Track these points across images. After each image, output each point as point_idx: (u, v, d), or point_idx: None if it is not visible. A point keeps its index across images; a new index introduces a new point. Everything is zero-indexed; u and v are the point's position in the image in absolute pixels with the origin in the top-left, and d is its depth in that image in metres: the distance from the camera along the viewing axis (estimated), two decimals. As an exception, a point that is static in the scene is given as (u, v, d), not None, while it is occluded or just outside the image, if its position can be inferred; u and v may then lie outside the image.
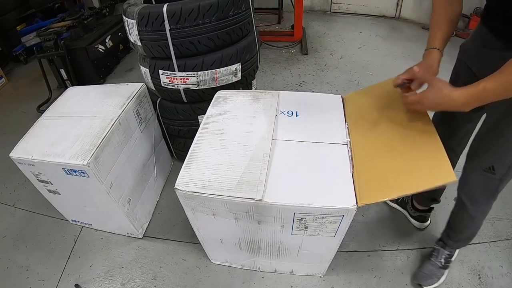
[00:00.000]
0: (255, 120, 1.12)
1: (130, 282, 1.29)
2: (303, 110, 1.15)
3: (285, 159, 0.98)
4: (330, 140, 1.03)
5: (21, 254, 1.42)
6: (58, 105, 1.35)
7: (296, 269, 1.24)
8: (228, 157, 0.98)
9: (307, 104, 1.19)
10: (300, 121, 1.11)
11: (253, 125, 1.09)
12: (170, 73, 1.34)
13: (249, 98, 1.22)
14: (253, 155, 0.98)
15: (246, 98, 1.22)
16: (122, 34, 2.56)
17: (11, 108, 2.36)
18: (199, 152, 1.01)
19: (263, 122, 1.10)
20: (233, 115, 1.14)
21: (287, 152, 1.00)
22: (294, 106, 1.17)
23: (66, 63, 2.23)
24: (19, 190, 1.71)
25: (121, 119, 1.23)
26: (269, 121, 1.10)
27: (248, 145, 1.02)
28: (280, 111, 1.15)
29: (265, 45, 2.81)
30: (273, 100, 1.20)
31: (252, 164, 0.95)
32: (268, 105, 1.17)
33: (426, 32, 3.07)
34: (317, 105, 1.18)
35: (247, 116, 1.13)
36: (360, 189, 0.87)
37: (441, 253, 1.23)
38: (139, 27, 1.24)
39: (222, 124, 1.11)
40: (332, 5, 3.48)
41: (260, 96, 1.23)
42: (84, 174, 1.09)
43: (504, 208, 1.48)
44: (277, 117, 1.12)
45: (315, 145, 1.01)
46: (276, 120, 1.11)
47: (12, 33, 2.73)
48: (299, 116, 1.13)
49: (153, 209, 1.55)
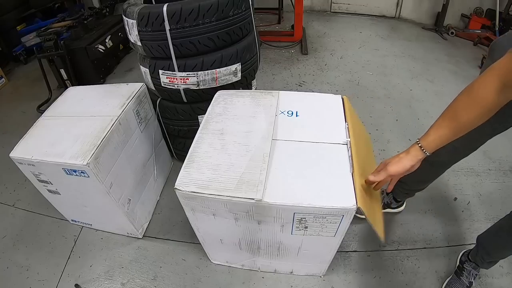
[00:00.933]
0: (255, 120, 1.12)
1: (130, 282, 1.29)
2: (303, 110, 1.15)
3: (285, 159, 0.98)
4: (330, 140, 1.03)
5: (21, 254, 1.42)
6: (58, 105, 1.35)
7: (296, 269, 1.24)
8: (228, 157, 0.98)
9: (307, 104, 1.19)
10: (300, 121, 1.11)
11: (253, 125, 1.09)
12: (170, 73, 1.34)
13: (249, 98, 1.22)
14: (253, 155, 0.98)
15: (246, 98, 1.22)
16: (122, 34, 2.56)
17: (11, 108, 2.36)
18: (199, 152, 1.01)
19: (263, 122, 1.10)
20: (233, 115, 1.14)
21: (287, 152, 1.00)
22: (294, 106, 1.17)
23: (66, 63, 2.23)
24: (19, 190, 1.71)
25: (121, 119, 1.23)
26: (269, 121, 1.10)
27: (248, 145, 1.02)
28: (280, 111, 1.15)
29: (265, 45, 2.81)
30: (273, 100, 1.20)
31: (252, 164, 0.95)
32: (268, 105, 1.17)
33: (426, 32, 3.11)
34: (318, 105, 1.18)
35: (247, 116, 1.13)
36: (359, 189, 0.87)
37: (472, 274, 1.19)
38: (139, 27, 1.24)
39: (222, 124, 1.11)
40: (332, 5, 3.48)
41: (260, 96, 1.23)
42: (84, 174, 1.09)
43: (504, 208, 1.48)
44: (277, 117, 1.12)
45: (315, 145, 1.02)
46: (276, 120, 1.11)
47: (12, 33, 2.72)
48: (299, 116, 1.13)
49: (153, 209, 1.55)
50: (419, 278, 1.26)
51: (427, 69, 2.49)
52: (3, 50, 2.78)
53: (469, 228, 1.42)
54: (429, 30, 3.10)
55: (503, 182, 1.61)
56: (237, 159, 0.97)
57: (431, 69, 2.49)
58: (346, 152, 0.98)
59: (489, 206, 1.49)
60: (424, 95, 2.24)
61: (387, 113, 2.08)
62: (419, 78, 2.39)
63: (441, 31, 3.00)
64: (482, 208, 1.49)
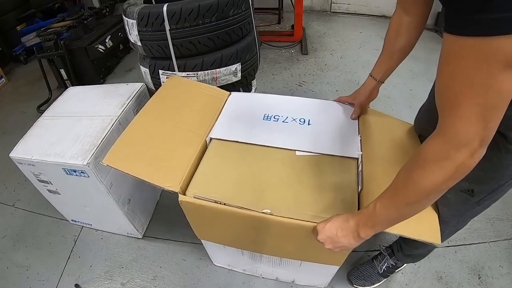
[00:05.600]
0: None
1: (130, 282, 1.29)
2: (316, 119, 1.07)
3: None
4: (342, 152, 0.94)
5: (21, 254, 1.42)
6: (58, 105, 1.35)
7: (298, 279, 1.23)
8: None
9: (320, 112, 1.10)
10: (313, 130, 1.02)
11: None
12: (170, 73, 1.34)
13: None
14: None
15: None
16: (122, 34, 2.56)
17: (11, 108, 2.36)
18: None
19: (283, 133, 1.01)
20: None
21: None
22: (307, 114, 1.08)
23: (66, 63, 2.23)
24: (19, 190, 1.71)
25: (121, 119, 1.23)
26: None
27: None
28: (292, 118, 1.06)
29: (265, 45, 2.81)
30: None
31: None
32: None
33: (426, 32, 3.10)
34: (331, 114, 1.09)
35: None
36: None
37: (386, 260, 1.17)
38: (139, 27, 1.24)
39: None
40: (332, 5, 3.48)
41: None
42: (84, 174, 1.09)
43: (504, 208, 1.48)
44: (288, 124, 1.04)
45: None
46: (283, 128, 1.02)
47: (12, 33, 2.72)
48: (311, 124, 1.05)
49: (153, 209, 1.55)
50: (419, 278, 1.26)
51: (427, 69, 2.48)
52: (3, 50, 2.78)
53: (469, 228, 1.42)
54: (429, 30, 3.10)
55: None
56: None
57: (431, 69, 2.49)
58: (356, 167, 0.91)
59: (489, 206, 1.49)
60: (424, 95, 2.21)
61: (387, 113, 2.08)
62: (420, 78, 2.39)
63: (441, 31, 3.00)
64: (482, 208, 1.49)
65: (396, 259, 1.16)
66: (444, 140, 0.48)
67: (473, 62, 0.40)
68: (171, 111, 1.07)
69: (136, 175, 0.89)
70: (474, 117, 0.43)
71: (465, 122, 0.44)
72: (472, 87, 0.41)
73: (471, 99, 0.42)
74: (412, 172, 0.54)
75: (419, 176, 0.52)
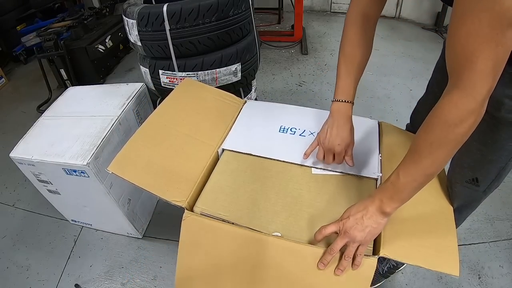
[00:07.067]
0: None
1: (130, 282, 1.29)
2: None
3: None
4: (360, 172, 0.87)
5: (21, 254, 1.42)
6: (58, 105, 1.35)
7: None
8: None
9: None
10: None
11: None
12: (170, 73, 1.34)
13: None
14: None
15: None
16: (122, 34, 2.56)
17: (11, 108, 2.36)
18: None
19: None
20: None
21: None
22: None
23: (66, 63, 2.23)
24: (19, 190, 1.71)
25: (121, 119, 1.23)
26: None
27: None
28: (310, 131, 1.00)
29: (265, 45, 2.81)
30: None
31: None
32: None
33: (426, 32, 3.11)
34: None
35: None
36: (383, 236, 0.74)
37: (388, 261, 1.16)
38: (139, 27, 1.24)
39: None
40: (332, 5, 3.48)
41: None
42: (84, 174, 1.09)
43: (504, 208, 1.48)
44: (305, 138, 0.97)
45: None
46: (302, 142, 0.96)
47: (12, 33, 2.72)
48: None
49: (153, 209, 1.55)
50: (419, 278, 1.26)
51: (427, 69, 2.48)
52: (3, 50, 2.78)
53: (469, 228, 1.42)
54: (429, 30, 3.10)
55: (503, 182, 1.59)
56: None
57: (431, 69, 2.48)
58: (374, 188, 0.85)
59: (489, 206, 1.49)
60: (424, 95, 2.24)
61: (387, 113, 2.08)
62: (419, 78, 2.39)
63: (441, 31, 3.00)
64: (482, 208, 1.49)
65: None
66: (463, 93, 0.52)
67: (487, 20, 0.45)
68: (183, 117, 1.02)
69: (142, 186, 0.83)
70: (488, 70, 0.49)
71: (481, 74, 0.49)
72: (487, 43, 0.47)
73: (486, 55, 0.47)
74: (433, 130, 0.56)
75: (444, 132, 0.55)
